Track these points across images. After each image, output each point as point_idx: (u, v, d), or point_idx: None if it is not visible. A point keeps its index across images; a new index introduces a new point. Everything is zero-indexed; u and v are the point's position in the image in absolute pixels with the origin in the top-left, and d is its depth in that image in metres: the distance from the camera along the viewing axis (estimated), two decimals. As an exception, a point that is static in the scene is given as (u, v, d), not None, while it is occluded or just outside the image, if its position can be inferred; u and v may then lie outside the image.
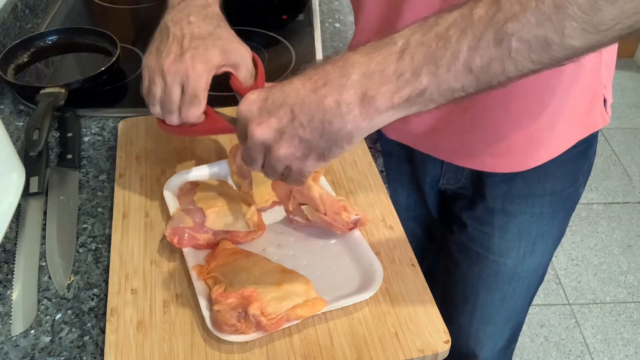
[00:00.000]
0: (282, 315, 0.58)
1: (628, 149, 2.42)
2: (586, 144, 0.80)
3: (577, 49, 0.43)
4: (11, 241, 0.73)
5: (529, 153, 0.77)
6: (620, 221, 2.12)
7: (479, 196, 0.83)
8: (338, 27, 1.16)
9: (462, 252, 0.92)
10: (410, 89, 0.46)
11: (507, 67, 0.44)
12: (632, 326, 1.80)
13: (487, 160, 0.78)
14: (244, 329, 0.57)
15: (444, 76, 0.45)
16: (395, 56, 0.46)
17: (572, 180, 0.83)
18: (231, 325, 0.57)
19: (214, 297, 0.59)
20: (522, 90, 0.69)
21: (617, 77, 0.95)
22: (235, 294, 0.58)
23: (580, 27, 0.42)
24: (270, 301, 0.58)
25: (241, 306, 0.58)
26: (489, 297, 0.94)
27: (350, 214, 0.67)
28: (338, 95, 0.47)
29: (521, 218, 0.83)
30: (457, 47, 0.44)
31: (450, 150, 0.80)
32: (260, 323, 0.57)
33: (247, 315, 0.57)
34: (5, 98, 0.97)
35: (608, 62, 0.76)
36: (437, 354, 0.59)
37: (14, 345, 0.62)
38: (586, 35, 0.42)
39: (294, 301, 0.59)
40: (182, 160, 0.81)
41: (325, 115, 0.48)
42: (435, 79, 0.45)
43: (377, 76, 0.47)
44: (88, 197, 0.79)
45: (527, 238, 0.85)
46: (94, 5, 1.28)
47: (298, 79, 0.50)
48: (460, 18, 0.45)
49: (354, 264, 0.66)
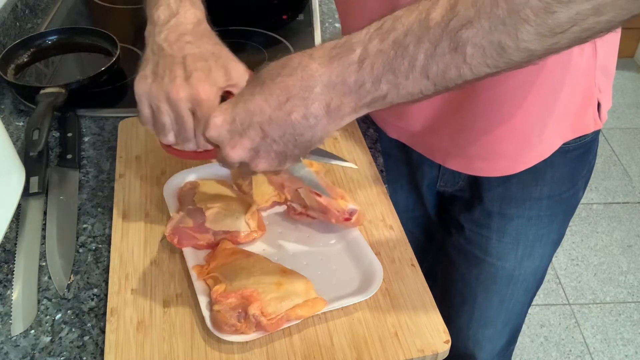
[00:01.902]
0: (282, 315, 0.58)
1: (628, 149, 2.42)
2: (584, 148, 0.79)
3: (534, 52, 0.44)
4: (11, 241, 0.73)
5: (518, 155, 0.76)
6: (620, 221, 2.12)
7: (477, 199, 0.83)
8: (338, 27, 1.16)
9: (461, 254, 0.92)
10: (371, 97, 0.48)
11: (463, 72, 0.45)
12: (632, 326, 1.80)
13: (478, 163, 0.78)
14: (244, 329, 0.57)
15: (403, 83, 0.46)
16: (355, 66, 0.47)
17: (571, 184, 0.82)
18: (231, 325, 0.57)
19: (214, 297, 0.59)
20: (513, 91, 0.69)
21: (617, 77, 0.94)
22: (235, 294, 0.58)
23: (535, 31, 0.42)
24: (270, 301, 0.58)
25: (241, 306, 0.58)
26: (487, 299, 0.94)
27: (348, 202, 0.67)
28: (304, 109, 0.49)
29: (518, 221, 0.83)
30: (414, 55, 0.45)
31: (444, 152, 0.80)
32: (261, 323, 0.57)
33: (247, 315, 0.57)
34: (5, 98, 0.97)
35: (606, 66, 0.75)
36: (437, 354, 0.59)
37: (14, 345, 0.62)
38: (542, 39, 0.42)
39: (294, 301, 0.59)
40: (182, 161, 0.81)
41: (296, 129, 0.50)
42: (394, 87, 0.47)
43: (339, 87, 0.48)
44: (88, 197, 0.79)
45: (525, 241, 0.85)
46: (94, 5, 1.28)
47: (260, 95, 0.50)
48: (417, 24, 0.45)
49: (354, 264, 0.66)
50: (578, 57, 0.69)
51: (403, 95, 0.47)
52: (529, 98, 0.70)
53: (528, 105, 0.71)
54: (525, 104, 0.71)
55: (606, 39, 0.69)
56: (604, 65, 0.74)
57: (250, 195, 0.72)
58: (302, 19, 1.16)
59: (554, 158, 0.77)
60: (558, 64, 0.68)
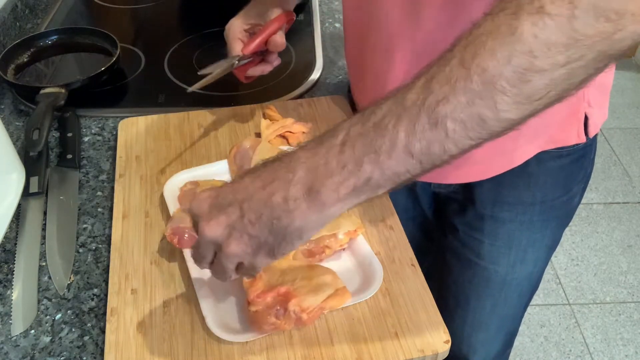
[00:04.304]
0: (318, 308, 0.59)
1: (628, 149, 2.42)
2: (580, 153, 0.78)
3: (514, 120, 0.44)
4: (11, 241, 0.73)
5: (491, 161, 0.76)
6: (620, 221, 2.12)
7: (469, 201, 0.83)
8: (338, 27, 1.16)
9: (455, 256, 0.91)
10: (354, 179, 0.46)
11: (447, 147, 0.45)
12: (632, 326, 1.80)
13: (452, 171, 0.78)
14: (284, 326, 0.58)
15: (386, 162, 0.45)
16: (337, 149, 0.47)
17: (565, 190, 0.81)
18: (271, 323, 0.58)
19: (251, 298, 0.59)
20: None
21: (617, 77, 0.94)
22: (271, 293, 0.59)
23: (512, 101, 0.42)
24: (306, 296, 0.59)
25: (279, 304, 0.58)
26: (480, 303, 0.93)
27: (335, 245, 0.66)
28: (285, 191, 0.48)
29: (511, 225, 0.82)
30: (394, 133, 0.45)
31: None
32: (301, 319, 0.58)
33: (286, 312, 0.58)
34: (5, 98, 0.97)
35: (600, 81, 0.73)
36: (437, 354, 0.59)
37: (14, 345, 0.62)
38: (520, 107, 0.43)
39: (326, 292, 0.60)
40: (182, 160, 0.81)
41: (273, 212, 0.48)
42: (377, 167, 0.46)
43: (322, 169, 0.47)
44: (88, 197, 0.79)
45: (518, 246, 0.85)
46: (94, 5, 1.28)
47: (248, 177, 0.51)
48: (394, 105, 0.45)
49: (354, 264, 0.66)
50: None
51: (389, 176, 0.46)
52: None
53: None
54: None
55: None
56: (597, 79, 0.73)
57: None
58: (302, 19, 1.16)
59: (548, 162, 0.76)
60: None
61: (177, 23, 1.26)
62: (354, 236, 0.67)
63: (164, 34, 1.17)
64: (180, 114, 0.88)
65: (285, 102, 0.92)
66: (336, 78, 1.01)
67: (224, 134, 0.85)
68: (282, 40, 0.78)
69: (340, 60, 1.05)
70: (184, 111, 0.89)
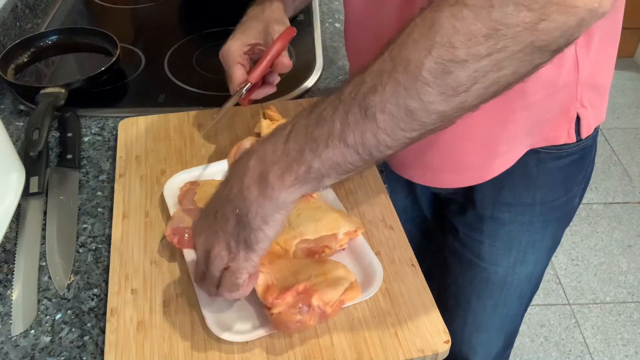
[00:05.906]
0: (339, 301, 0.59)
1: (628, 149, 2.42)
2: (580, 154, 0.78)
3: (446, 112, 0.44)
4: (11, 241, 0.73)
5: (484, 165, 0.76)
6: (620, 221, 2.12)
7: (469, 202, 0.83)
8: (338, 27, 1.16)
9: (455, 257, 0.91)
10: (297, 167, 0.49)
11: (380, 137, 0.46)
12: (632, 326, 1.80)
13: (445, 176, 0.78)
14: (309, 322, 0.58)
15: (324, 152, 0.47)
16: (284, 138, 0.50)
17: (565, 191, 0.81)
18: (297, 321, 0.57)
19: (270, 301, 0.59)
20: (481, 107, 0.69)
21: (617, 77, 0.94)
22: (290, 292, 0.59)
23: (437, 92, 0.43)
24: (326, 290, 0.59)
25: (301, 301, 0.58)
26: (480, 304, 0.93)
27: (335, 245, 0.66)
28: (240, 182, 0.51)
29: (511, 226, 0.82)
30: (331, 123, 0.47)
31: (410, 167, 0.81)
32: (325, 312, 0.58)
33: (310, 307, 0.58)
34: (5, 98, 0.97)
35: (595, 82, 0.72)
36: (437, 354, 0.59)
37: (14, 345, 0.62)
38: (447, 99, 0.43)
39: (343, 285, 0.60)
40: (182, 160, 0.81)
41: (233, 204, 0.52)
42: (317, 156, 0.48)
43: (269, 157, 0.50)
44: (88, 197, 0.79)
45: (518, 247, 0.85)
46: (94, 5, 1.28)
47: (221, 184, 0.55)
48: (334, 98, 0.48)
49: (354, 264, 0.66)
50: (554, 71, 0.67)
51: (330, 165, 0.48)
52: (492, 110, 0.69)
53: (492, 118, 0.70)
54: (489, 117, 0.70)
55: (594, 54, 0.68)
56: (591, 80, 0.72)
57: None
58: (302, 19, 1.16)
59: (548, 163, 0.76)
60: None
61: (177, 23, 1.26)
62: (354, 236, 0.67)
63: (164, 34, 1.17)
64: (180, 114, 0.88)
65: (286, 102, 0.92)
66: (336, 78, 1.01)
67: (224, 134, 0.85)
68: (289, 62, 0.78)
69: (340, 60, 1.05)
70: (184, 111, 0.89)
